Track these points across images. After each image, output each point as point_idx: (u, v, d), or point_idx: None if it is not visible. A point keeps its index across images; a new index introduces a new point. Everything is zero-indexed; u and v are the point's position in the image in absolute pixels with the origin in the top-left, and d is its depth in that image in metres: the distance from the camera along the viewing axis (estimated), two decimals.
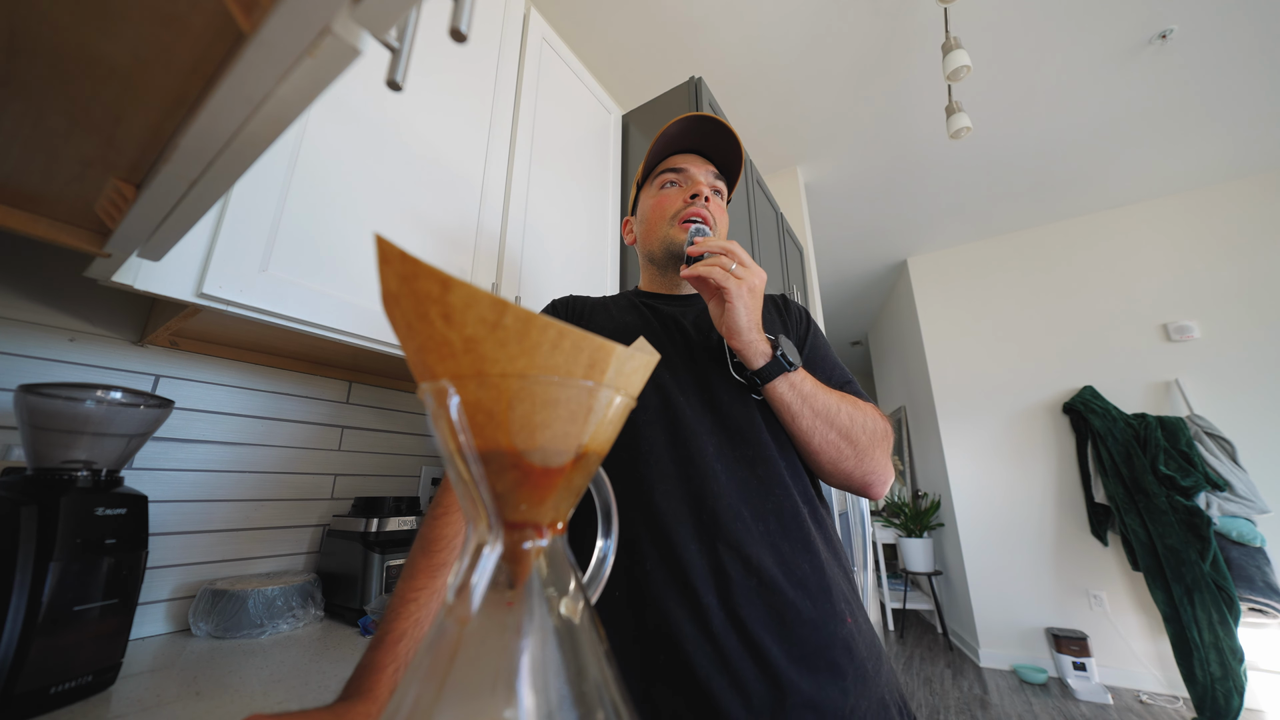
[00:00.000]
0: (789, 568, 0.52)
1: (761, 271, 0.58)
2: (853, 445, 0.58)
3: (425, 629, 0.46)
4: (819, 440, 0.58)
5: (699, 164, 0.74)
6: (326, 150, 0.73)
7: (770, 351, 0.56)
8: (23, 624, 0.47)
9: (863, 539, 2.35)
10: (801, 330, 0.71)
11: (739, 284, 0.54)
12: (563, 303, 0.75)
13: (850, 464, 0.58)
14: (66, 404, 0.54)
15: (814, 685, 0.47)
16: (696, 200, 0.70)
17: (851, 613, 0.54)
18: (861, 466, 0.59)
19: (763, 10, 1.84)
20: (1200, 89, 2.17)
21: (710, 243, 0.58)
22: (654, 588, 0.52)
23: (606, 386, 0.19)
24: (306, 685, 0.57)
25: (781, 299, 0.77)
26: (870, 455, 0.59)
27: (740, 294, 0.54)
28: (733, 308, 0.54)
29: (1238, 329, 2.67)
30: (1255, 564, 2.27)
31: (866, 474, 0.59)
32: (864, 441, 0.58)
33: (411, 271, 0.17)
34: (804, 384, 0.57)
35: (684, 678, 0.48)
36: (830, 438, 0.57)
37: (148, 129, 0.35)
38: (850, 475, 0.60)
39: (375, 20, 0.23)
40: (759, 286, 0.57)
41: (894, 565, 4.48)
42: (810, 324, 0.73)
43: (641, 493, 0.56)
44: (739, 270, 0.55)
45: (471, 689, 0.17)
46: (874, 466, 0.59)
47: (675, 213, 0.71)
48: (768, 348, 0.57)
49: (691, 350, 0.64)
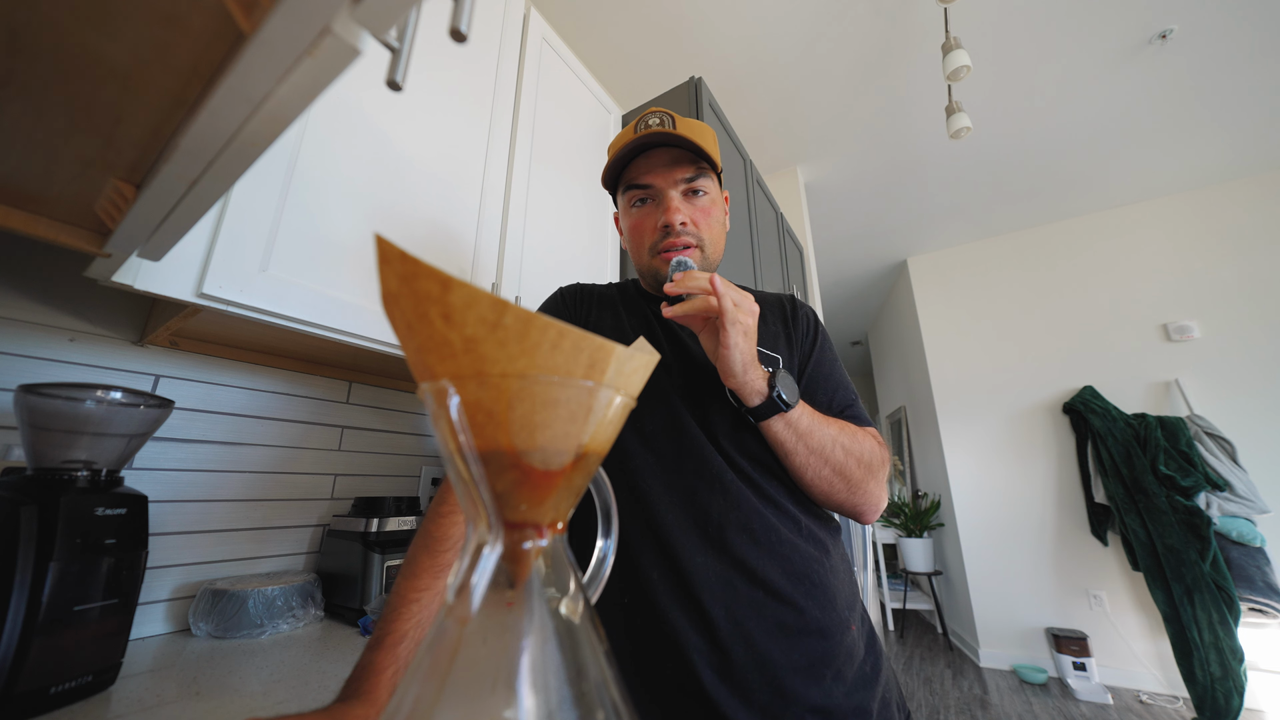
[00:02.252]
0: (795, 578, 0.52)
1: (754, 306, 0.54)
2: (845, 480, 0.57)
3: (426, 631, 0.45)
4: (812, 475, 0.57)
5: (664, 171, 0.64)
6: (326, 150, 0.73)
7: (765, 391, 0.54)
8: (23, 624, 0.47)
9: (862, 539, 2.35)
10: (807, 345, 0.68)
11: (735, 330, 0.51)
12: (572, 290, 0.73)
13: (842, 496, 0.58)
14: (67, 404, 0.54)
15: (820, 692, 0.48)
16: (670, 233, 0.62)
17: (855, 620, 0.54)
18: (853, 499, 0.58)
19: (762, 10, 1.84)
20: (1200, 89, 2.17)
21: (690, 281, 0.52)
22: (660, 598, 0.52)
23: (606, 386, 0.19)
24: (306, 685, 0.57)
25: (790, 301, 0.72)
26: (863, 488, 0.58)
27: (736, 342, 0.51)
28: (728, 354, 0.51)
29: (1238, 329, 2.67)
30: (1255, 564, 2.27)
31: (857, 504, 0.59)
32: (858, 476, 0.57)
33: (411, 271, 0.17)
34: (800, 420, 0.55)
35: (690, 687, 0.48)
36: (824, 474, 0.56)
37: (148, 129, 0.35)
38: (841, 505, 0.59)
39: (375, 20, 0.23)
40: (752, 326, 0.53)
41: (894, 565, 4.48)
42: (818, 334, 0.69)
43: (648, 503, 0.56)
44: (731, 313, 0.50)
45: (471, 689, 0.17)
46: (865, 498, 0.58)
47: (653, 245, 0.65)
48: (764, 386, 0.54)
49: (696, 363, 0.63)
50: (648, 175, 0.64)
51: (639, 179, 0.65)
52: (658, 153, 0.64)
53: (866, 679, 0.51)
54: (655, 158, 0.64)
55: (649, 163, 0.65)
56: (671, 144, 0.63)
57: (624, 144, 0.64)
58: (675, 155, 0.64)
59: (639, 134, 0.62)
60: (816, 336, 0.69)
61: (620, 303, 0.71)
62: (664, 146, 0.63)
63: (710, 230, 0.65)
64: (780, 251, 2.07)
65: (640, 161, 0.65)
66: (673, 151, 0.64)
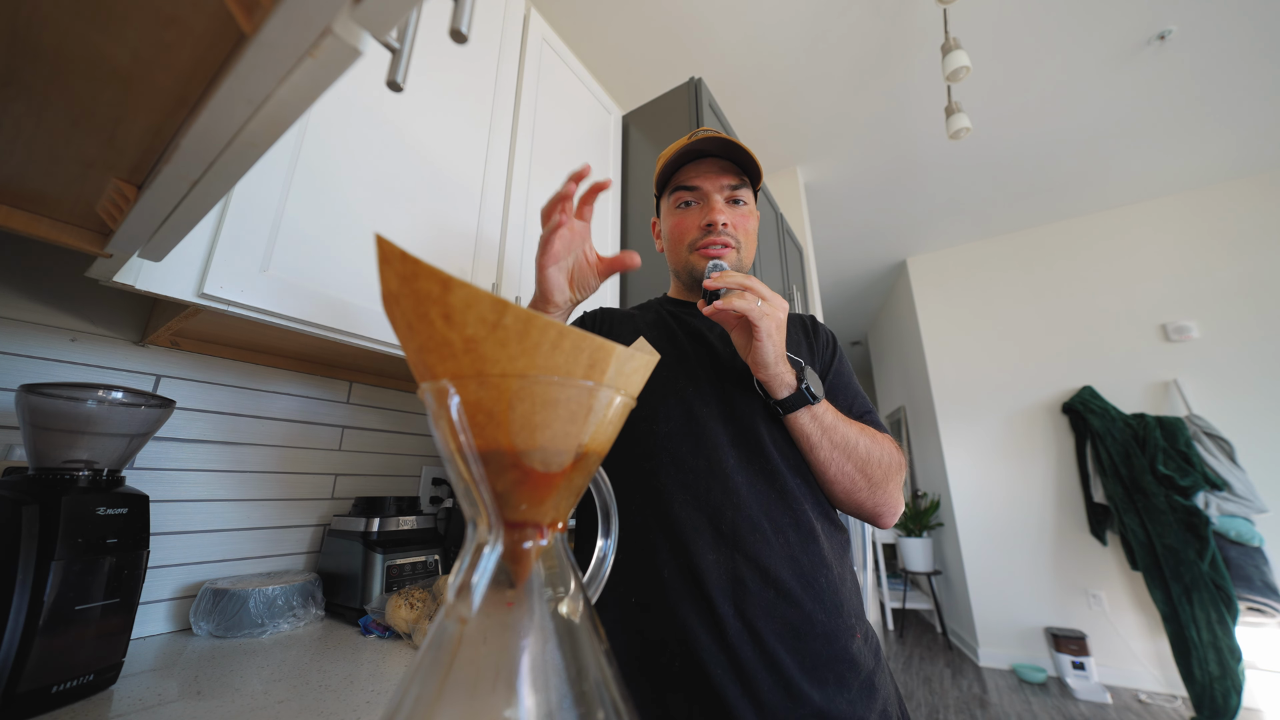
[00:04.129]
0: (806, 581, 0.53)
1: (784, 303, 0.57)
2: (867, 479, 0.59)
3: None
4: (835, 471, 0.58)
5: (713, 176, 0.70)
6: (327, 151, 0.73)
7: (795, 384, 0.57)
8: (24, 623, 0.47)
9: (862, 538, 2.35)
10: (827, 357, 0.71)
11: (768, 321, 0.54)
12: (592, 316, 0.76)
13: (863, 495, 0.59)
14: (68, 404, 0.54)
15: (824, 697, 0.48)
16: (713, 230, 0.68)
17: (860, 628, 0.55)
18: (874, 499, 0.60)
19: (763, 10, 1.84)
20: (1200, 89, 2.17)
21: (728, 278, 0.56)
22: (670, 596, 0.52)
23: (606, 386, 0.19)
24: (307, 684, 0.57)
25: (810, 320, 0.77)
26: (883, 489, 0.60)
27: (770, 331, 0.54)
28: (761, 345, 0.54)
29: (1237, 329, 2.67)
30: (1253, 563, 2.27)
31: (878, 505, 0.60)
32: (878, 475, 0.59)
33: (412, 272, 0.17)
34: (825, 415, 0.58)
35: (698, 686, 0.49)
36: (847, 469, 0.58)
37: (149, 130, 0.35)
38: (862, 506, 0.60)
39: (376, 21, 0.24)
40: (784, 320, 0.57)
41: (894, 565, 4.48)
42: (836, 350, 0.73)
43: (661, 502, 0.57)
44: (764, 306, 0.54)
45: (472, 688, 0.17)
46: (886, 499, 0.60)
47: (692, 241, 0.70)
48: (793, 379, 0.57)
49: (716, 364, 0.65)
50: (696, 179, 0.70)
51: (688, 181, 0.71)
52: (707, 161, 0.71)
53: (868, 690, 0.51)
54: (705, 165, 0.71)
55: (699, 169, 0.71)
56: (721, 154, 0.69)
57: (678, 149, 0.70)
58: (723, 165, 0.71)
59: (693, 139, 0.69)
60: (835, 350, 0.73)
61: (640, 318, 0.75)
62: (713, 157, 0.70)
63: (747, 236, 0.71)
64: (780, 251, 2.07)
65: (690, 167, 0.72)
66: (721, 162, 0.71)
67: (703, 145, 0.69)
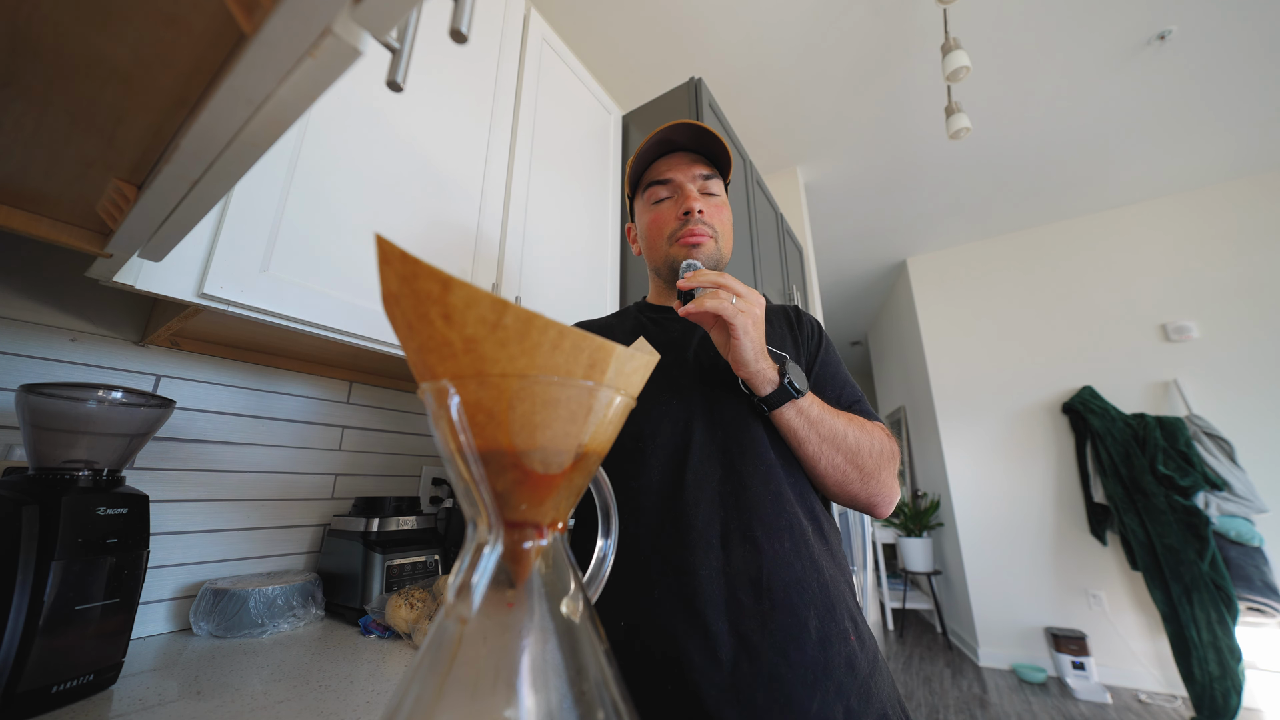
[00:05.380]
0: (800, 588, 0.52)
1: (760, 298, 0.57)
2: (859, 469, 0.58)
3: None
4: (825, 464, 0.58)
5: (685, 166, 0.71)
6: (327, 151, 0.73)
7: (777, 379, 0.56)
8: (24, 623, 0.47)
9: (862, 538, 2.35)
10: (813, 346, 0.71)
11: (744, 318, 0.54)
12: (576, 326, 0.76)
13: (856, 487, 0.59)
14: (68, 404, 0.54)
15: (820, 705, 0.47)
16: (690, 218, 0.68)
17: (855, 630, 0.54)
18: (867, 489, 0.59)
19: (762, 11, 1.84)
20: (1200, 89, 2.17)
21: (701, 277, 0.56)
22: (662, 615, 0.51)
23: (606, 386, 0.19)
24: (307, 684, 0.57)
25: (794, 310, 0.76)
26: (876, 478, 0.59)
27: (746, 328, 0.54)
28: (739, 343, 0.54)
29: (1237, 329, 2.67)
30: (1253, 563, 2.27)
31: (872, 495, 0.60)
32: (870, 465, 0.58)
33: (412, 271, 0.17)
34: (811, 409, 0.57)
35: (692, 708, 0.47)
36: (837, 462, 0.58)
37: (149, 129, 0.35)
38: (856, 497, 0.60)
39: (376, 21, 0.24)
40: (760, 316, 0.56)
41: (893, 565, 4.48)
42: (822, 338, 0.72)
43: (652, 517, 0.56)
44: (739, 303, 0.54)
45: (472, 688, 0.17)
46: (879, 489, 0.59)
47: (672, 233, 0.70)
48: (774, 375, 0.56)
49: (699, 371, 0.64)
50: (669, 171, 0.71)
51: (661, 175, 0.72)
52: (677, 155, 0.72)
53: (865, 693, 0.50)
54: (675, 158, 0.72)
55: (670, 162, 0.72)
56: (692, 146, 0.71)
57: (649, 140, 0.70)
58: (693, 157, 0.72)
59: (663, 127, 0.70)
60: (821, 339, 0.72)
61: (618, 326, 0.75)
62: (683, 150, 0.72)
63: (724, 225, 0.71)
64: (780, 252, 2.07)
65: (661, 162, 0.72)
66: (691, 154, 0.72)
67: (673, 134, 0.69)
